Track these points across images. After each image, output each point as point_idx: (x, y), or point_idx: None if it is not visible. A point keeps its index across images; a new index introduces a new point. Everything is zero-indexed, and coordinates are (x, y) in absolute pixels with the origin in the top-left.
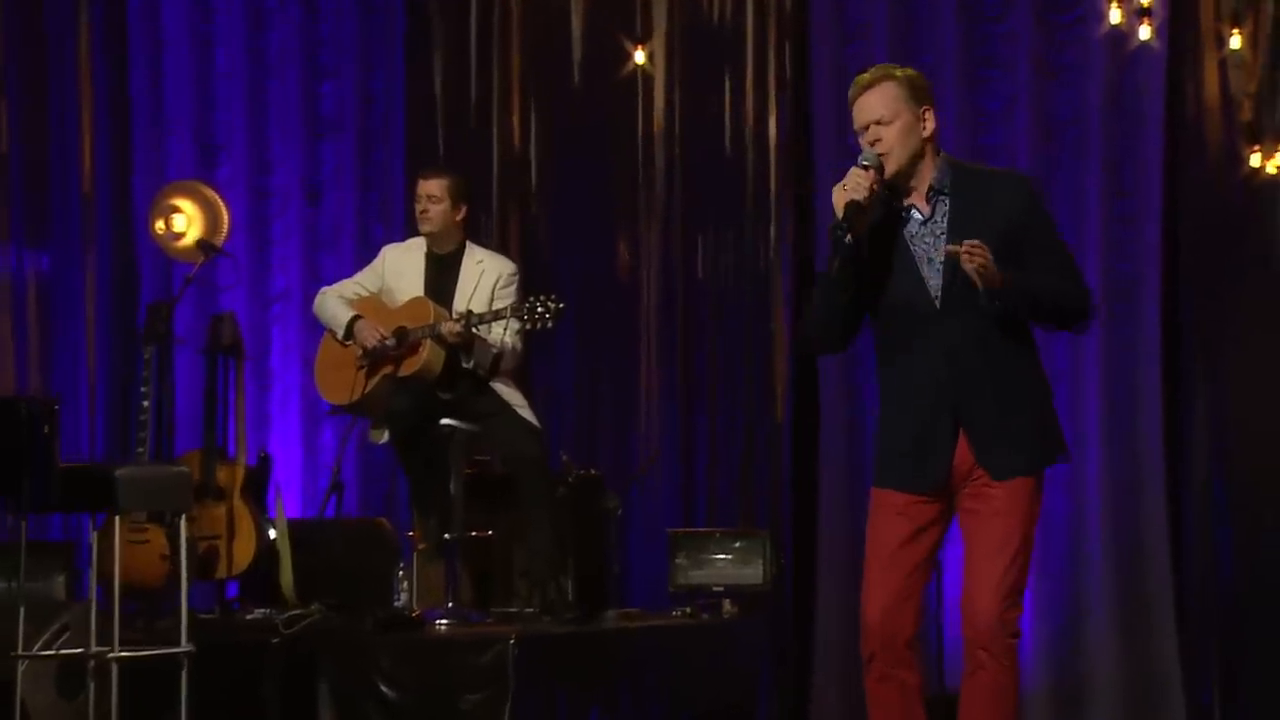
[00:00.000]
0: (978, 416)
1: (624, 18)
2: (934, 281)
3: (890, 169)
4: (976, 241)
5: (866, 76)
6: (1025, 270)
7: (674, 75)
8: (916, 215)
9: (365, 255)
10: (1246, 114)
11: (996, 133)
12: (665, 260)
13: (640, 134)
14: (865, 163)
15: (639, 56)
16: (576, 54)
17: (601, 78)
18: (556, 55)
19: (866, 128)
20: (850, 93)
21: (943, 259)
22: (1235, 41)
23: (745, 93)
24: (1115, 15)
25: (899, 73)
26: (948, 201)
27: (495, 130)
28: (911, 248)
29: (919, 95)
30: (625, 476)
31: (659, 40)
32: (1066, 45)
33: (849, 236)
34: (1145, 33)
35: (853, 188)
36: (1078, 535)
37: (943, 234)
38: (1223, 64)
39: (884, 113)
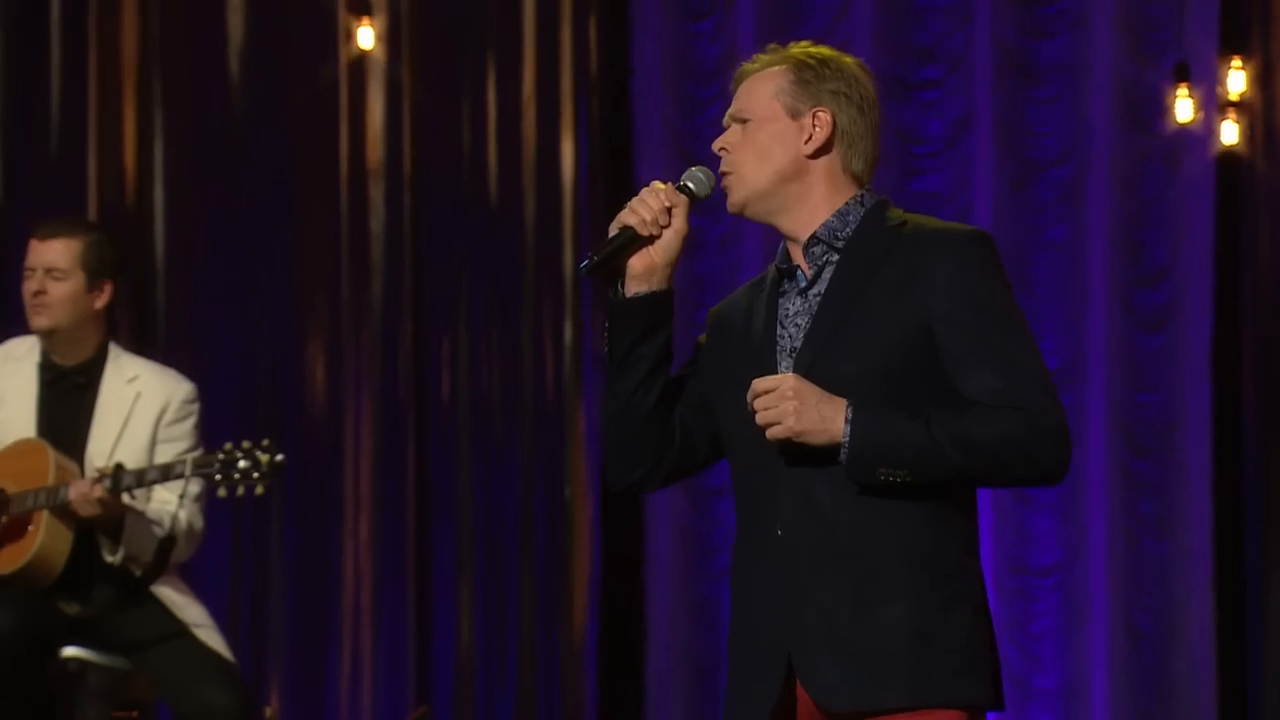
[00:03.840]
0: (819, 615)
1: None
2: None
3: (736, 197)
4: (768, 384)
5: (757, 58)
6: (952, 391)
7: (405, 70)
8: (801, 279)
9: None
10: None
11: (932, 174)
12: (388, 374)
13: (347, 164)
14: (686, 181)
15: (364, 38)
16: (235, 33)
17: (279, 71)
18: (201, 34)
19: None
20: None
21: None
22: None
23: (524, 100)
24: (1186, 110)
25: (797, 52)
26: (835, 263)
27: (93, 156)
28: (779, 331)
29: (812, 89)
30: None
31: (381, 13)
32: (1046, 25)
33: (617, 287)
34: (1231, 134)
35: (633, 206)
36: None
37: (812, 316)
38: None
39: (747, 106)
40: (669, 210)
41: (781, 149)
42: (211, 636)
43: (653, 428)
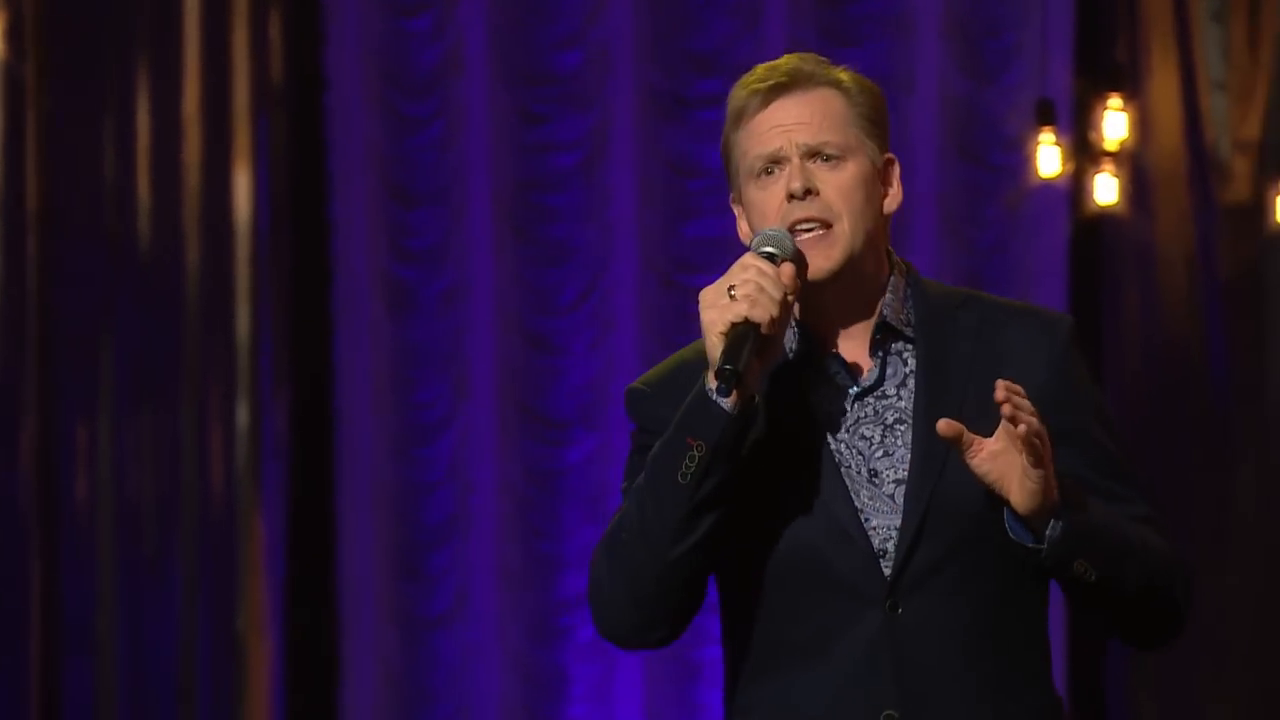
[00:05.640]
0: None
1: None
2: (882, 524)
3: (832, 264)
4: (1015, 387)
5: (791, 64)
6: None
7: (30, 76)
8: (842, 380)
9: None
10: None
11: (711, 215)
12: (4, 472)
13: None
14: (769, 249)
15: None
16: None
17: None
18: None
19: (776, 163)
20: (751, 86)
21: (900, 477)
22: None
23: (185, 117)
24: (1053, 160)
25: (846, 77)
26: (911, 353)
27: None
28: (833, 448)
29: (883, 129)
30: None
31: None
32: (856, 28)
33: (732, 398)
34: (1108, 191)
35: (749, 293)
36: None
37: (901, 422)
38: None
39: (834, 140)
40: (792, 293)
41: (873, 206)
42: None
43: (687, 577)
